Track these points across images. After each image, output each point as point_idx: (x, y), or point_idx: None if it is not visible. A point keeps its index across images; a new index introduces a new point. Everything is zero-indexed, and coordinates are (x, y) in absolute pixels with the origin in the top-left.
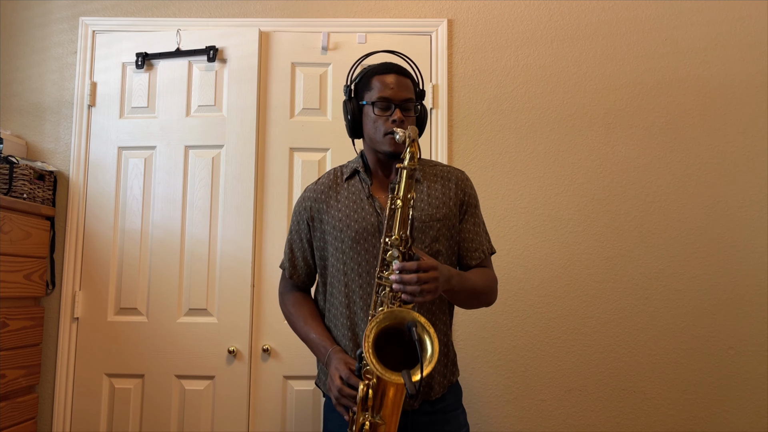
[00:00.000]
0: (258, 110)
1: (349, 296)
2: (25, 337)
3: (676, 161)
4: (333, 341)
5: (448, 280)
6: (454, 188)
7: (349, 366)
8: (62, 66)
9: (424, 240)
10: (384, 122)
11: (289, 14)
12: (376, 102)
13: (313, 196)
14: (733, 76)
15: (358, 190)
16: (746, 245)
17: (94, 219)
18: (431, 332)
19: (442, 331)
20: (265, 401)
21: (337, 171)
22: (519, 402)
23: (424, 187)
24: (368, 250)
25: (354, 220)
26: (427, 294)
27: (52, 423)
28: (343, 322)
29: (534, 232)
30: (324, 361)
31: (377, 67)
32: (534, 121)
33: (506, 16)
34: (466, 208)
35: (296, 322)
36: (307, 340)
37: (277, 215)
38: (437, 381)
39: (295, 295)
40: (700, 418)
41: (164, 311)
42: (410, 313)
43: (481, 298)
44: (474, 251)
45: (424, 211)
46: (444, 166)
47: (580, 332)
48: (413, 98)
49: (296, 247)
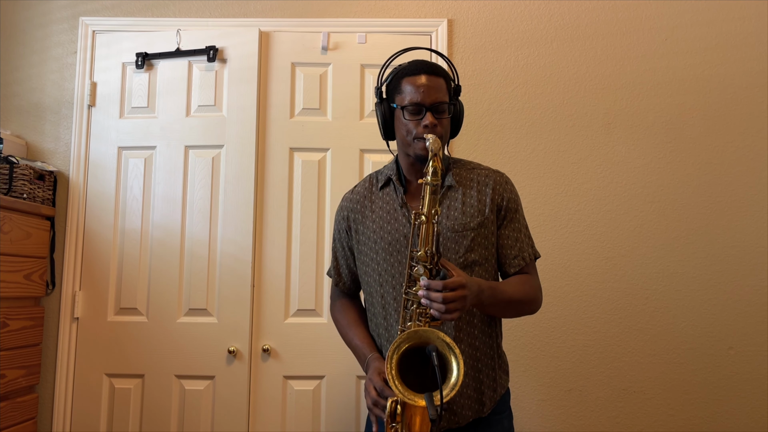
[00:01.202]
0: (258, 110)
1: (385, 306)
2: (25, 337)
3: (676, 161)
4: (373, 347)
5: (478, 294)
6: (490, 193)
7: (383, 375)
8: (62, 66)
9: (458, 250)
10: (415, 126)
11: (289, 14)
12: (406, 106)
13: (349, 206)
14: (733, 76)
15: (392, 199)
16: (746, 245)
17: (94, 219)
18: (457, 352)
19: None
20: (265, 401)
21: (373, 178)
22: (519, 402)
23: (459, 194)
24: (401, 261)
25: (387, 231)
26: (454, 312)
27: (52, 423)
28: (381, 332)
29: (534, 232)
30: (364, 368)
31: (407, 68)
32: (534, 121)
33: (506, 16)
34: (505, 213)
35: (341, 329)
36: (351, 346)
37: (277, 215)
38: (488, 396)
39: (342, 302)
40: (700, 418)
41: (164, 311)
42: (435, 332)
43: (518, 308)
44: (513, 258)
45: (457, 220)
46: (482, 170)
47: (580, 332)
48: (446, 99)
49: (340, 255)
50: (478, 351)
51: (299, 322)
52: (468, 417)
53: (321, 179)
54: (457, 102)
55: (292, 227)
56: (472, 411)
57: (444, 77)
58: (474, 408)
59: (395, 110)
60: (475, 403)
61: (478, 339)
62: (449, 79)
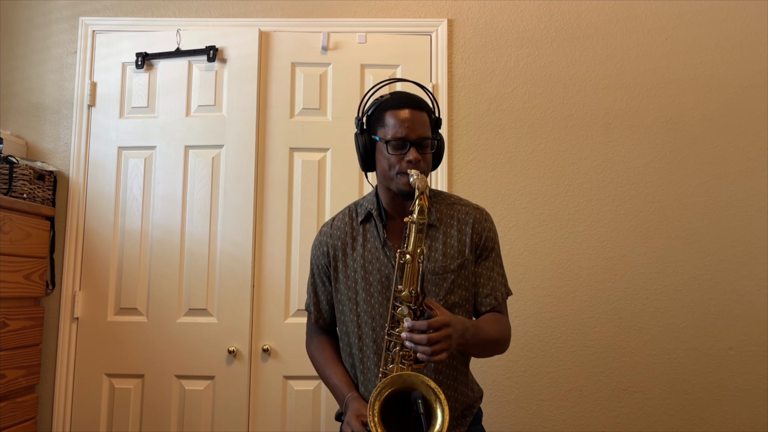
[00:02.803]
0: (258, 110)
1: (363, 349)
2: (25, 337)
3: (676, 161)
4: (352, 386)
5: (462, 334)
6: (470, 233)
7: (361, 419)
8: (62, 66)
9: (438, 293)
10: (398, 161)
11: (289, 14)
12: (390, 141)
13: (330, 242)
14: (733, 76)
15: (373, 236)
16: (746, 245)
17: (94, 219)
18: (441, 398)
19: (463, 383)
20: (265, 401)
21: (352, 211)
22: (519, 402)
23: (440, 234)
24: (382, 303)
25: (368, 271)
26: (440, 353)
27: (52, 423)
28: (356, 374)
29: (534, 232)
30: (342, 408)
31: (390, 101)
32: (534, 121)
33: (506, 16)
34: (481, 252)
35: (319, 368)
36: (328, 384)
37: (277, 215)
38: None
39: (320, 339)
40: (700, 418)
41: (164, 311)
42: (419, 377)
43: (493, 348)
44: (486, 297)
45: (438, 263)
46: (462, 206)
47: (580, 332)
48: (429, 134)
49: (320, 291)
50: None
51: (299, 322)
52: None
53: (321, 179)
54: (438, 136)
55: (292, 227)
56: None
57: (427, 111)
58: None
59: (377, 143)
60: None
61: (456, 380)
62: (431, 112)
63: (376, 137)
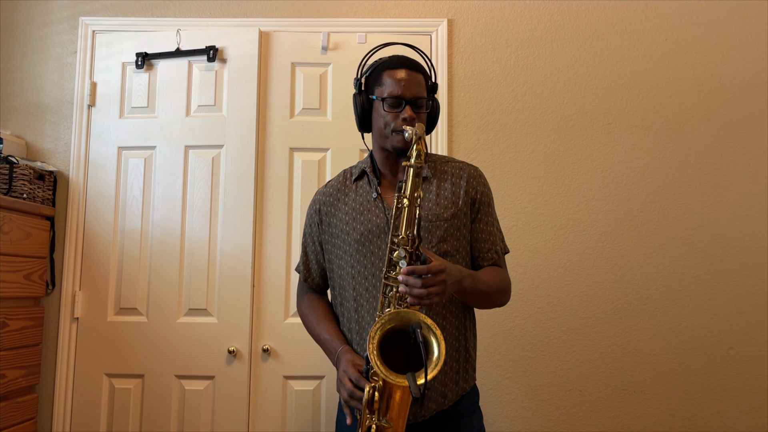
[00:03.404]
0: (258, 110)
1: (357, 299)
2: (25, 337)
3: (676, 161)
4: (343, 341)
5: (460, 281)
6: (465, 186)
7: (357, 367)
8: (62, 66)
9: (431, 240)
10: (394, 119)
11: (289, 14)
12: (386, 99)
13: (322, 199)
14: (733, 76)
15: (366, 191)
16: (746, 245)
17: (94, 219)
18: (438, 334)
19: (454, 336)
20: (265, 401)
21: (347, 172)
22: (519, 402)
23: (433, 186)
24: (374, 252)
25: (360, 222)
26: (435, 296)
27: (52, 423)
28: (353, 326)
29: (534, 232)
30: (334, 362)
31: (388, 61)
32: (534, 121)
33: (506, 16)
34: (479, 206)
35: (309, 324)
36: (319, 341)
37: (277, 215)
38: (450, 388)
39: (309, 297)
40: (700, 418)
41: (164, 311)
42: (416, 314)
43: (494, 298)
44: (486, 251)
45: (431, 211)
46: (456, 162)
47: (580, 332)
48: (424, 94)
49: (309, 250)
50: (446, 343)
51: (299, 322)
52: (432, 410)
53: (321, 179)
54: (434, 99)
55: (292, 227)
56: (436, 404)
57: (423, 74)
58: (438, 401)
59: (374, 102)
60: (438, 395)
61: (446, 331)
62: (428, 76)
63: (373, 96)
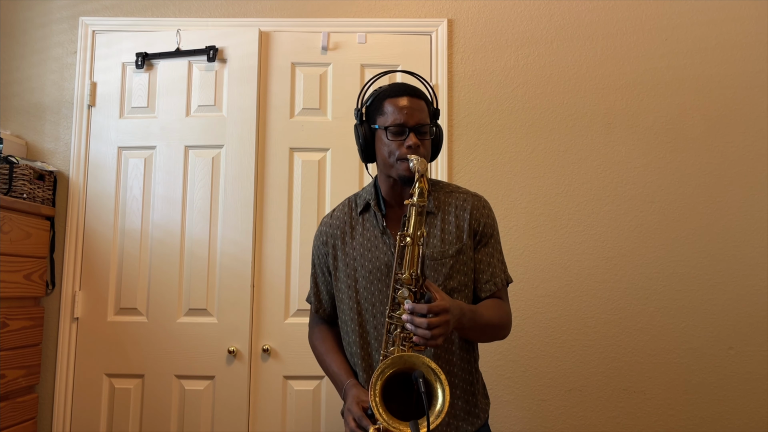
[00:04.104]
0: (258, 110)
1: (363, 336)
2: (25, 337)
3: (676, 161)
4: (351, 374)
5: (460, 318)
6: (468, 219)
7: (362, 404)
8: (62, 66)
9: (437, 278)
10: (398, 147)
11: (289, 14)
12: (389, 127)
13: (329, 231)
14: (733, 76)
15: (372, 225)
16: (746, 245)
17: (94, 219)
18: (442, 379)
19: (466, 369)
20: (265, 401)
21: (351, 202)
22: (519, 402)
23: (438, 221)
24: (381, 289)
25: (368, 259)
26: (438, 338)
27: (52, 423)
28: (357, 361)
29: (534, 232)
30: (341, 395)
31: (389, 90)
32: (534, 121)
33: (506, 16)
34: (480, 238)
35: (319, 356)
36: (328, 373)
37: (277, 215)
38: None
39: (321, 329)
40: (700, 418)
41: (164, 311)
42: (420, 358)
43: (493, 332)
44: (485, 282)
45: (436, 248)
46: (460, 194)
47: (580, 332)
48: (428, 121)
49: (320, 281)
50: (456, 377)
51: (299, 322)
52: None
53: (321, 179)
54: (437, 125)
55: (292, 227)
56: None
57: (425, 100)
58: None
59: (376, 131)
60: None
61: (455, 365)
62: (429, 102)
63: (376, 126)
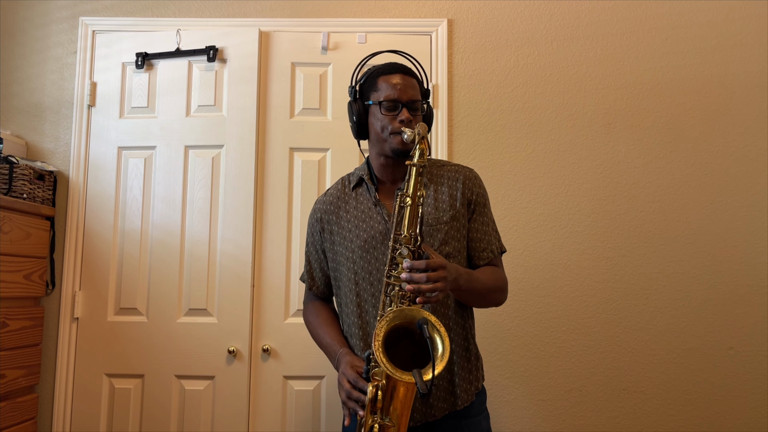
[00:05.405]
0: (258, 110)
1: (360, 304)
2: (25, 337)
3: (676, 161)
4: (344, 344)
5: (456, 279)
6: (461, 188)
7: (356, 369)
8: (62, 66)
9: (433, 243)
10: (391, 122)
11: (289, 14)
12: (382, 102)
13: (323, 208)
14: (733, 76)
15: (365, 198)
16: (746, 245)
17: (94, 219)
18: (442, 331)
19: (461, 335)
20: (265, 401)
21: (345, 180)
22: (519, 402)
23: (431, 191)
24: (377, 257)
25: (362, 230)
26: (437, 293)
27: (52, 423)
28: (356, 331)
29: (534, 232)
30: (335, 364)
31: (383, 68)
32: (534, 121)
33: (506, 16)
34: (474, 207)
35: (312, 330)
36: (321, 345)
37: (277, 215)
38: (462, 388)
39: (313, 304)
40: (700, 418)
41: (164, 311)
42: (420, 311)
43: (490, 297)
44: (482, 251)
45: (431, 215)
46: (452, 166)
47: (580, 332)
48: (420, 98)
49: (313, 259)
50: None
51: (299, 322)
52: (443, 410)
53: (321, 179)
54: (428, 104)
55: (292, 227)
56: (446, 404)
57: (417, 79)
58: (449, 401)
59: (370, 107)
60: (449, 395)
61: (451, 330)
62: (421, 82)
63: (370, 102)
